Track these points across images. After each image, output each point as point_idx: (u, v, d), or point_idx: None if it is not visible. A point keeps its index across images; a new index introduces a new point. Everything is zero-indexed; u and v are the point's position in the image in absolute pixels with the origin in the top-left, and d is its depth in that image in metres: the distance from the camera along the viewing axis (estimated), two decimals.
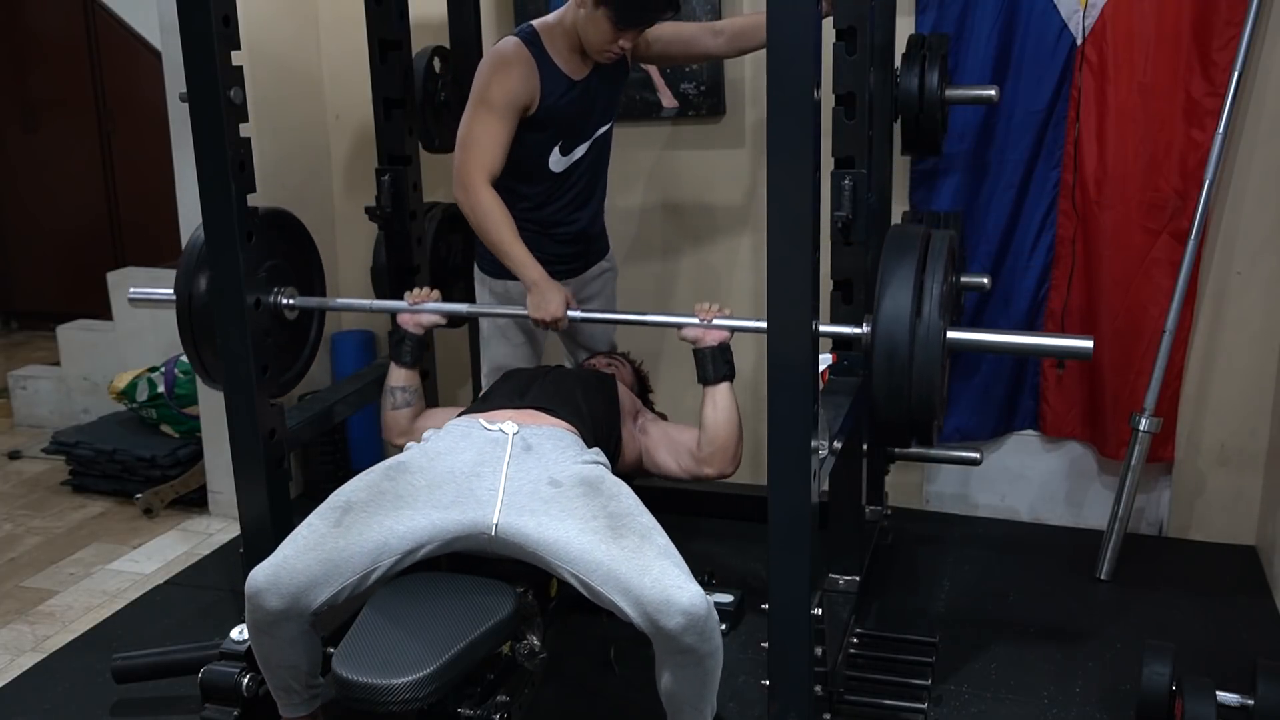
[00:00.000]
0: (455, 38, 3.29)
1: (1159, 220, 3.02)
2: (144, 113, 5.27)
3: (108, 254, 5.53)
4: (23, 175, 5.83)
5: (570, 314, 2.46)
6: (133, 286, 2.75)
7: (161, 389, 3.86)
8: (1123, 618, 2.84)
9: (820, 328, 1.91)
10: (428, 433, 2.23)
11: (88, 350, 4.48)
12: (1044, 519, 3.39)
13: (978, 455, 2.92)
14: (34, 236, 5.89)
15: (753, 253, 3.39)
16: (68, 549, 3.47)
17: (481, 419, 2.18)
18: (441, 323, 2.55)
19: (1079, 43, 3.00)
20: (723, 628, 1.95)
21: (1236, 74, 2.84)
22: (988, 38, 3.04)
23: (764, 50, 1.76)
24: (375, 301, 2.77)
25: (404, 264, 3.05)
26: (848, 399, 2.36)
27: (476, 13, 3.28)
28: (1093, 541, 3.11)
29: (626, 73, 2.78)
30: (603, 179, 2.84)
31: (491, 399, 2.38)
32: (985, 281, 2.94)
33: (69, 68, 5.58)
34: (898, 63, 2.76)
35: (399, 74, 2.94)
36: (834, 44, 2.33)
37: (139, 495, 3.65)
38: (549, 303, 2.45)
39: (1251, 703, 2.19)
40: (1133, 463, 3.01)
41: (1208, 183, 2.90)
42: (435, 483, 2.04)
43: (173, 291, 2.60)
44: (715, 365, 2.27)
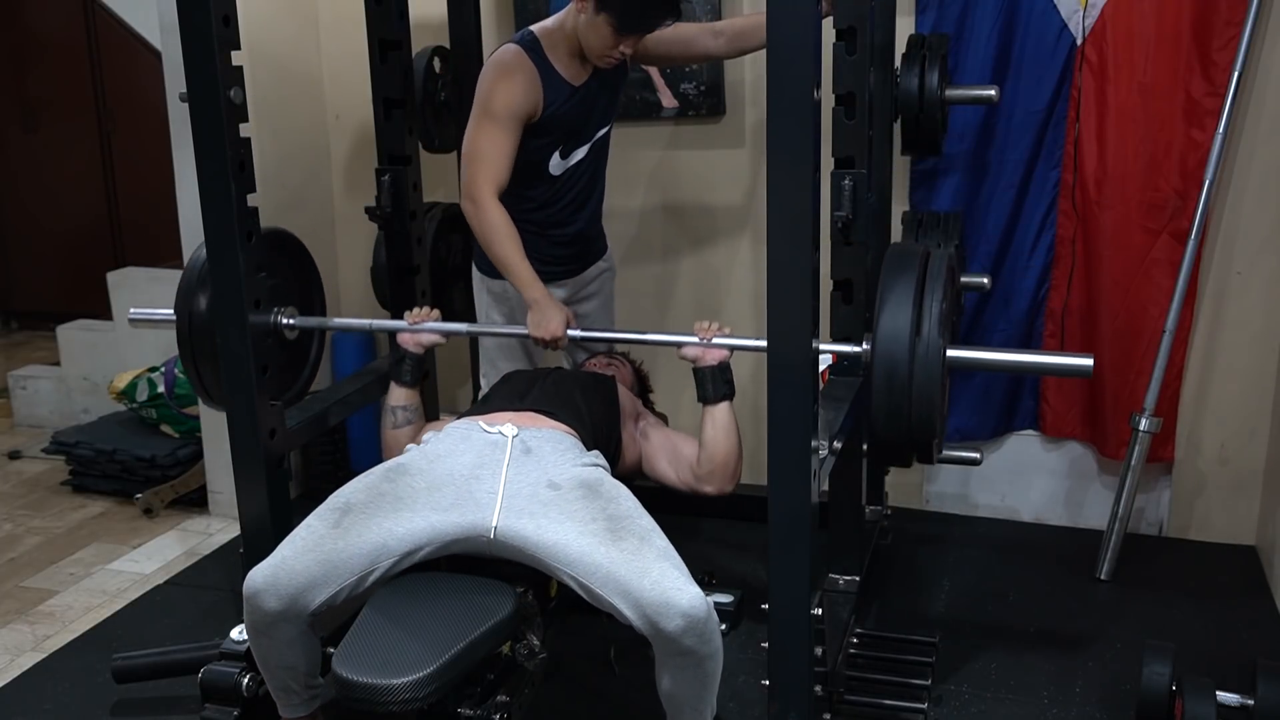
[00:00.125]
0: (455, 38, 3.30)
1: (1159, 220, 3.02)
2: (144, 113, 5.26)
3: (108, 254, 5.53)
4: (23, 175, 5.83)
5: (570, 333, 2.47)
6: (133, 307, 2.78)
7: (161, 389, 3.86)
8: (1123, 618, 2.84)
9: (820, 346, 1.92)
10: (428, 435, 2.23)
11: (88, 350, 4.48)
12: (1044, 519, 3.39)
13: (978, 455, 2.92)
14: (34, 236, 5.90)
15: (753, 253, 3.39)
16: (68, 549, 3.47)
17: (481, 421, 2.18)
18: (441, 342, 2.56)
19: (1079, 43, 3.00)
20: (722, 628, 1.95)
21: (1236, 74, 2.84)
22: (988, 38, 3.04)
23: (764, 50, 1.76)
24: (375, 321, 2.82)
25: (404, 264, 3.04)
26: (848, 399, 2.36)
27: (476, 13, 3.29)
28: (1093, 541, 3.11)
29: (625, 76, 2.79)
30: (601, 180, 2.84)
31: (491, 401, 2.38)
32: (985, 281, 2.95)
33: (69, 68, 5.58)
34: (898, 63, 2.76)
35: (399, 74, 2.94)
36: (834, 44, 2.33)
37: (139, 495, 3.65)
38: (549, 321, 2.46)
39: (1251, 703, 2.19)
40: (1133, 463, 3.01)
41: (1208, 183, 2.90)
42: (435, 485, 2.03)
43: (173, 311, 2.62)
44: (715, 385, 2.27)
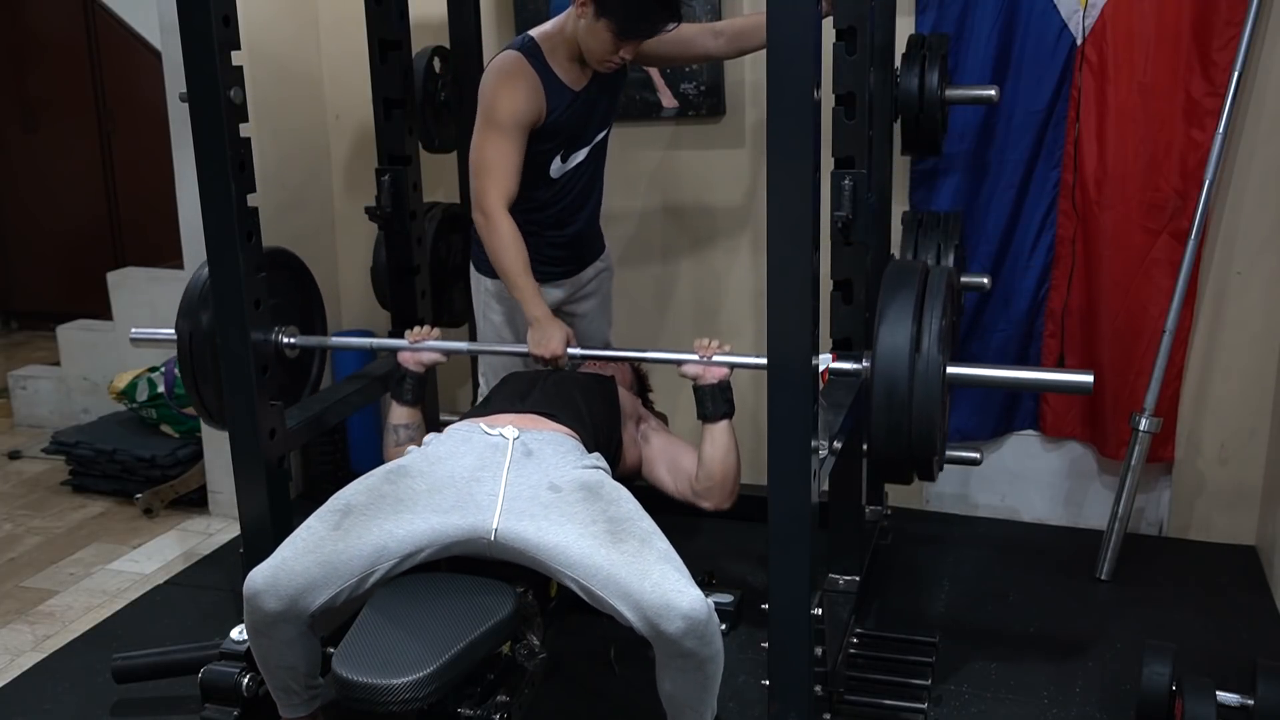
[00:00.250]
0: (455, 38, 3.30)
1: (1159, 220, 3.02)
2: (144, 113, 5.26)
3: (108, 254, 5.52)
4: (23, 175, 5.83)
5: (571, 351, 2.48)
6: (134, 327, 2.81)
7: (161, 389, 3.86)
8: (1123, 618, 2.84)
9: (820, 360, 1.92)
10: (429, 437, 2.23)
11: (88, 350, 4.48)
12: (1044, 519, 3.39)
13: (978, 455, 2.92)
14: (34, 236, 5.89)
15: (753, 253, 3.39)
16: (68, 549, 3.47)
17: (482, 423, 2.18)
18: (443, 360, 2.56)
19: (1079, 43, 3.00)
20: (723, 628, 1.95)
21: (1236, 74, 2.84)
22: (988, 38, 3.04)
23: (764, 50, 1.76)
24: (376, 340, 2.88)
25: (404, 264, 3.04)
26: (848, 399, 2.36)
27: (476, 13, 3.29)
28: (1093, 541, 3.11)
29: (625, 78, 2.79)
30: (599, 182, 2.84)
31: (492, 403, 2.38)
32: (985, 281, 2.95)
33: (69, 68, 5.58)
34: (898, 63, 2.76)
35: (399, 74, 2.94)
36: (834, 44, 2.32)
37: (139, 495, 3.65)
38: (550, 340, 2.46)
39: (1251, 703, 2.20)
40: (1133, 463, 3.01)
41: (1208, 183, 2.90)
42: (435, 487, 2.03)
43: (173, 330, 2.63)
44: (715, 403, 2.28)
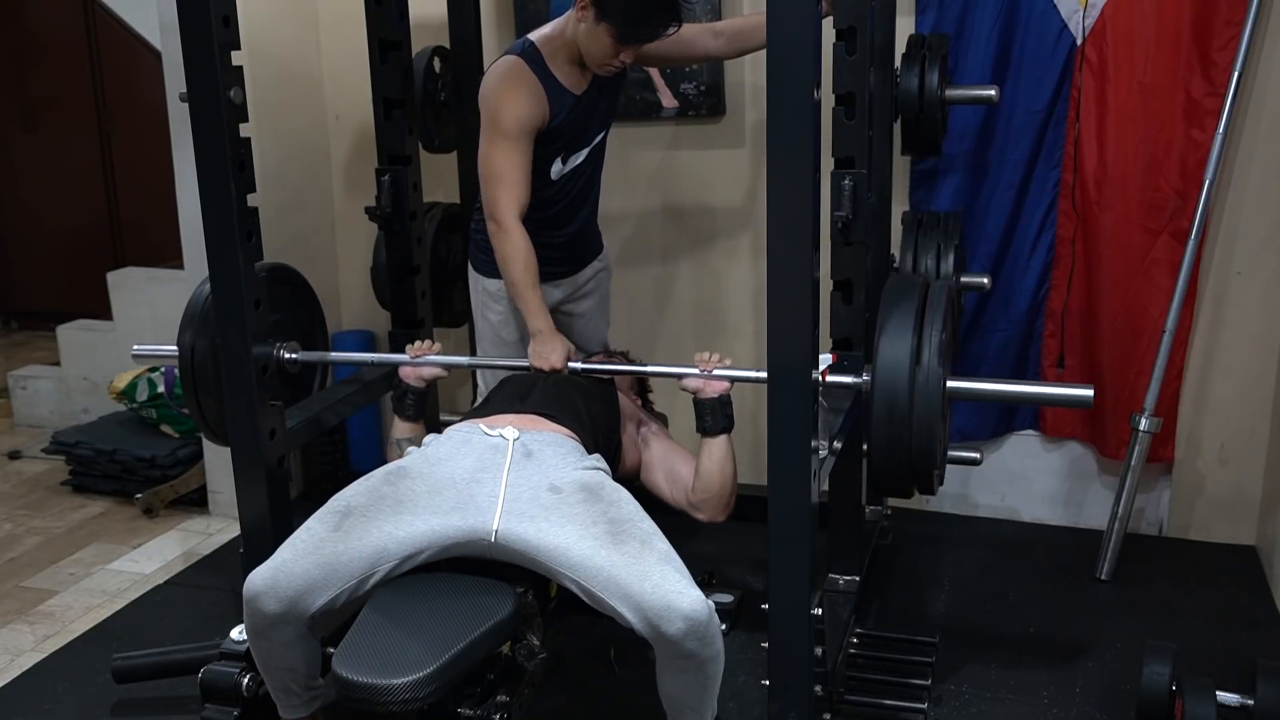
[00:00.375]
0: (455, 38, 3.30)
1: (1159, 220, 3.02)
2: (144, 113, 5.26)
3: (108, 254, 5.52)
4: (23, 175, 5.83)
5: (571, 364, 2.49)
6: (135, 344, 2.81)
7: (161, 389, 3.86)
8: (1123, 618, 2.84)
9: (820, 373, 1.92)
10: (428, 438, 2.23)
11: (88, 350, 4.48)
12: (1044, 519, 3.39)
13: (978, 455, 2.92)
14: (34, 236, 5.89)
15: (752, 253, 3.39)
16: (68, 549, 3.47)
17: (482, 424, 2.18)
18: (443, 375, 2.57)
19: (1079, 43, 3.00)
20: (723, 628, 1.95)
21: (1236, 74, 2.84)
22: (988, 38, 3.04)
23: (764, 50, 1.76)
24: (376, 355, 2.96)
25: (404, 264, 3.04)
26: (847, 399, 2.36)
27: (476, 13, 3.29)
28: (1093, 541, 3.11)
29: (624, 80, 2.79)
30: (598, 182, 2.84)
31: (492, 404, 2.38)
32: (985, 281, 2.95)
33: (69, 68, 5.58)
34: (898, 63, 2.76)
35: (399, 74, 2.94)
36: (834, 44, 2.32)
37: (139, 495, 3.65)
38: (551, 353, 2.48)
39: (1251, 703, 2.19)
40: (1133, 463, 3.01)
41: (1208, 183, 2.90)
42: (435, 488, 2.03)
43: (175, 346, 2.64)
44: (715, 417, 2.28)
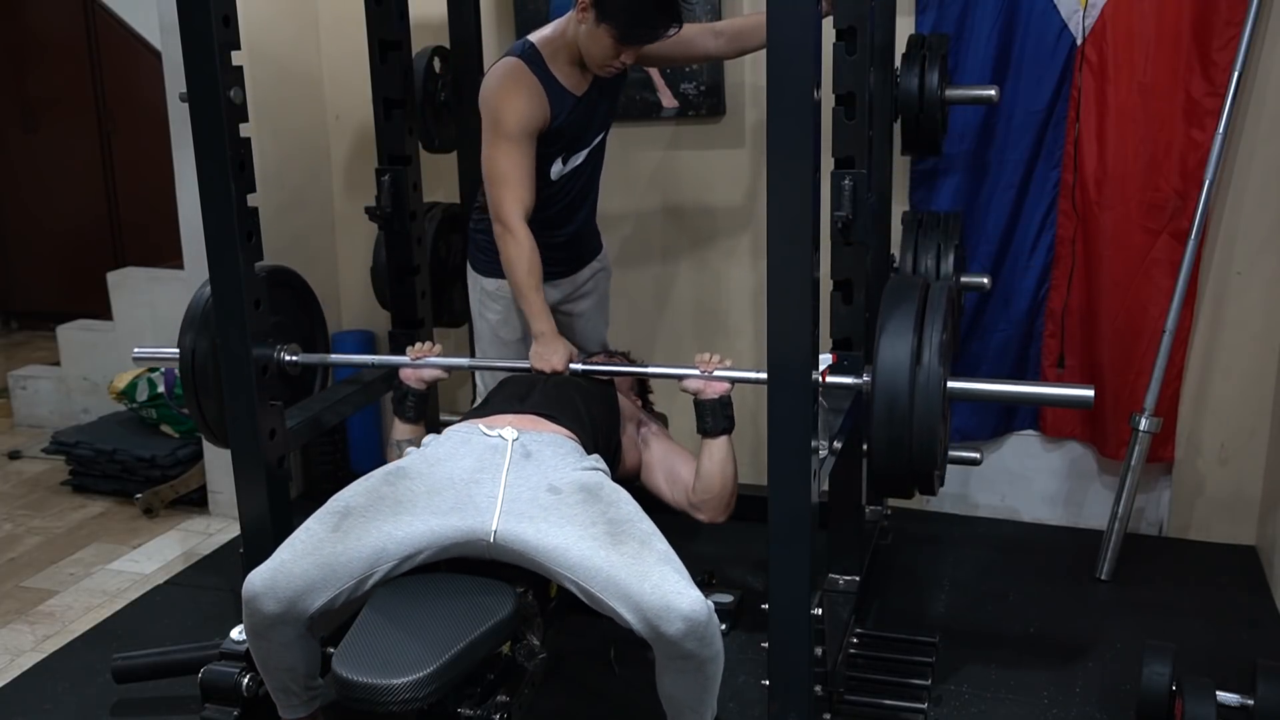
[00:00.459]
0: (455, 38, 3.30)
1: (1159, 220, 3.02)
2: (144, 113, 5.26)
3: (108, 254, 5.52)
4: (23, 175, 5.83)
5: (573, 366, 2.49)
6: (136, 346, 2.81)
7: (161, 389, 3.86)
8: (1123, 618, 2.84)
9: (820, 375, 1.92)
10: (428, 438, 2.23)
11: (88, 350, 4.48)
12: (1044, 519, 3.39)
13: (978, 455, 2.92)
14: (34, 236, 5.89)
15: (752, 253, 3.39)
16: (68, 549, 3.47)
17: (481, 425, 2.18)
18: (444, 377, 2.57)
19: (1079, 43, 3.00)
20: (722, 628, 1.95)
21: (1236, 74, 2.84)
22: (988, 38, 3.04)
23: (764, 50, 1.76)
24: (377, 357, 2.94)
25: (404, 264, 3.04)
26: (848, 399, 2.36)
27: (476, 13, 3.29)
28: (1093, 541, 3.11)
29: (624, 81, 2.79)
30: (597, 182, 2.85)
31: (491, 404, 2.38)
32: (985, 281, 2.95)
33: (69, 68, 5.58)
34: (898, 63, 2.76)
35: (399, 74, 2.94)
36: (834, 44, 2.32)
37: (139, 495, 3.65)
38: (553, 355, 2.49)
39: (1251, 703, 2.19)
40: (1133, 463, 3.01)
41: (1208, 183, 2.90)
42: (434, 489, 2.03)
43: (175, 348, 2.64)
44: (715, 418, 2.28)
